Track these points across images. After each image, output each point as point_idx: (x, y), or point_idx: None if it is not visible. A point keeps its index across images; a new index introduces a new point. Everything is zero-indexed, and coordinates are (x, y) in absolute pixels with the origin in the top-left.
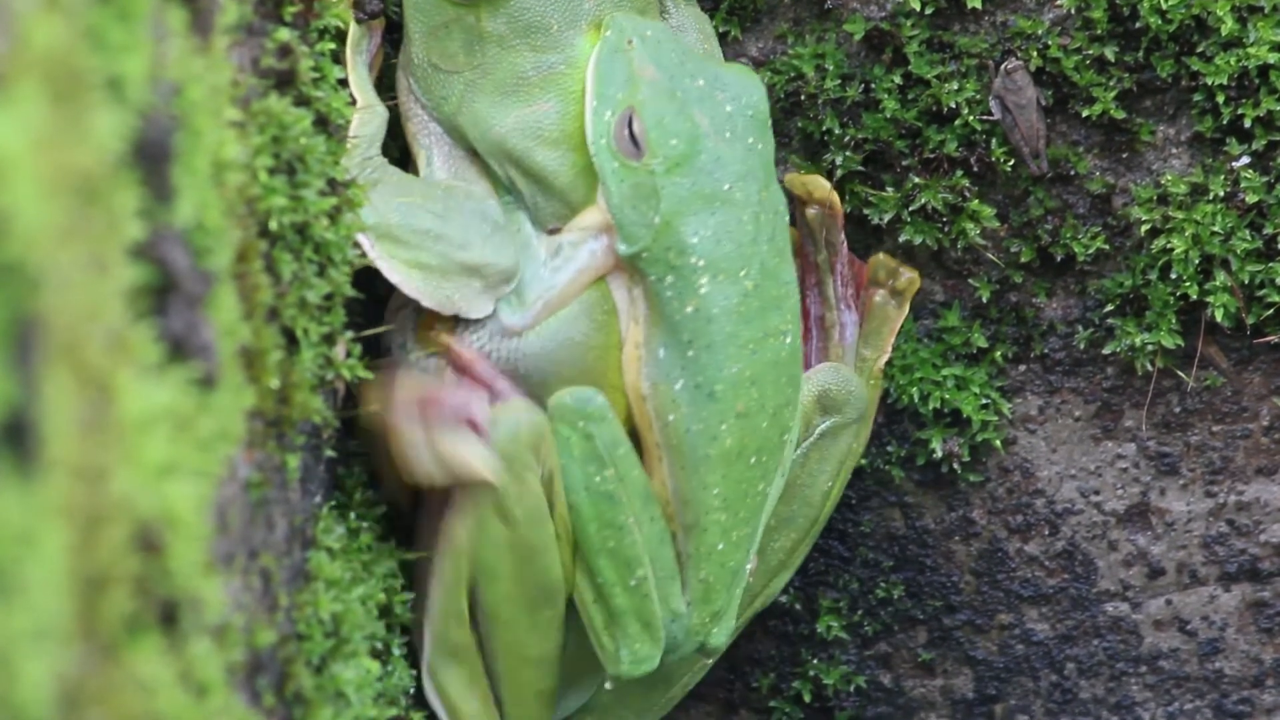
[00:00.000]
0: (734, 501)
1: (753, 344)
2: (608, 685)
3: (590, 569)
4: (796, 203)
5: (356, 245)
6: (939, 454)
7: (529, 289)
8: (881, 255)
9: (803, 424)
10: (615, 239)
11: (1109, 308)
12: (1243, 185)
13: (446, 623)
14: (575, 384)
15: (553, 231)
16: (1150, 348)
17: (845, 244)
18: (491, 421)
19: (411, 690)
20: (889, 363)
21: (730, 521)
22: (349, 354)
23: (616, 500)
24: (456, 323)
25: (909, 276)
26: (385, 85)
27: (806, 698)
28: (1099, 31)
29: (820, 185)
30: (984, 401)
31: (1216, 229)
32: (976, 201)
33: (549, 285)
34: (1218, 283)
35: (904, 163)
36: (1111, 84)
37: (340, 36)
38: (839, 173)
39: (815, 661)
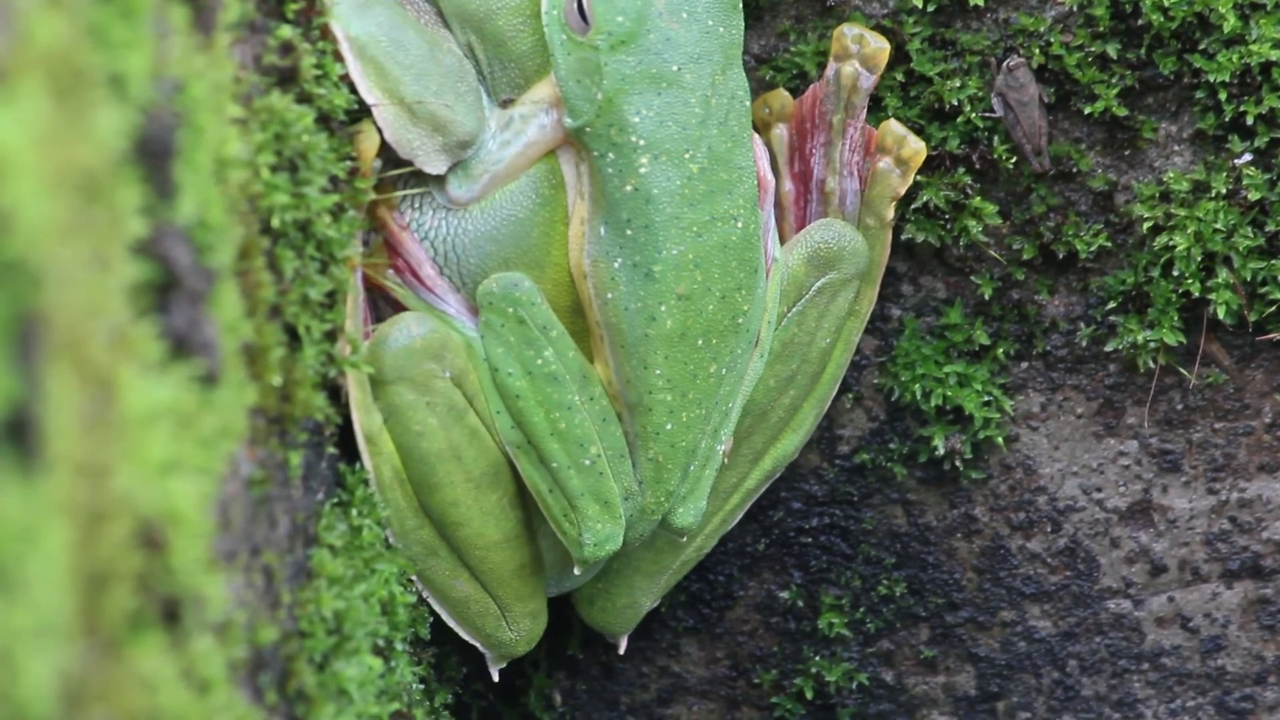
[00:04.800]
0: (680, 383)
1: (697, 227)
2: (576, 571)
3: (543, 456)
4: (832, 56)
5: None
6: (941, 451)
7: (476, 161)
8: (892, 121)
9: (794, 286)
10: (563, 113)
11: (1111, 305)
12: (1245, 182)
13: (406, 536)
14: (516, 264)
15: (505, 104)
16: (1152, 345)
17: (865, 110)
18: (380, 339)
19: (414, 687)
20: (890, 360)
21: (678, 402)
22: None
23: (560, 381)
24: (400, 198)
25: (916, 146)
26: None
27: (809, 695)
28: (1101, 29)
29: (870, 40)
30: (986, 399)
31: (1219, 226)
32: (979, 199)
33: (497, 158)
34: (1220, 280)
35: None
36: (1114, 81)
37: None
38: None
39: (817, 659)
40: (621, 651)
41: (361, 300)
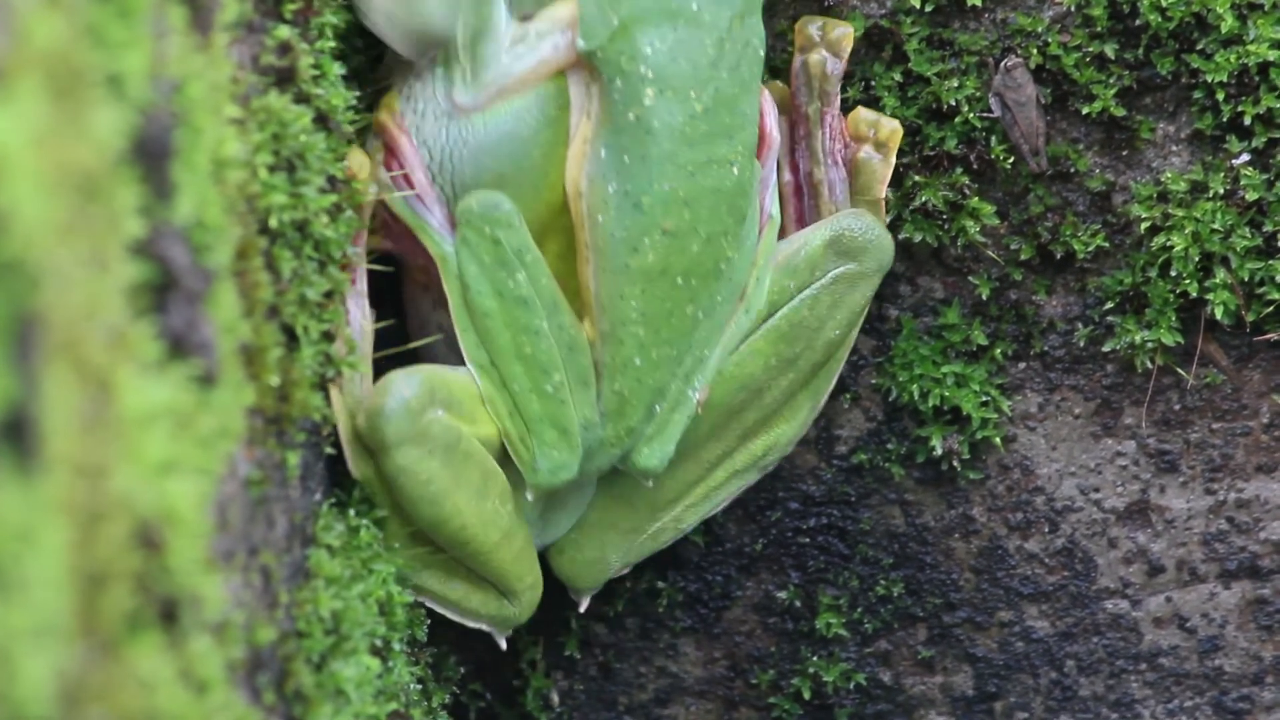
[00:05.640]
0: (655, 319)
1: (692, 166)
2: (529, 496)
3: (505, 377)
4: (798, 48)
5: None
6: (939, 451)
7: (486, 70)
8: (860, 109)
9: (810, 266)
10: (578, 34)
11: (1109, 305)
12: (1242, 183)
13: (401, 548)
14: (511, 181)
15: (525, 18)
16: (1150, 345)
17: (838, 97)
18: (376, 410)
19: (412, 687)
20: (888, 360)
21: (650, 338)
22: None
23: (530, 305)
24: (405, 100)
25: (891, 127)
26: None
27: (806, 695)
28: (1099, 29)
29: (834, 26)
30: (984, 399)
31: (1216, 226)
32: (976, 199)
33: (506, 71)
34: (1217, 280)
35: (904, 160)
36: (1111, 81)
37: (340, 36)
38: None
39: (815, 659)
40: (582, 610)
41: (361, 301)
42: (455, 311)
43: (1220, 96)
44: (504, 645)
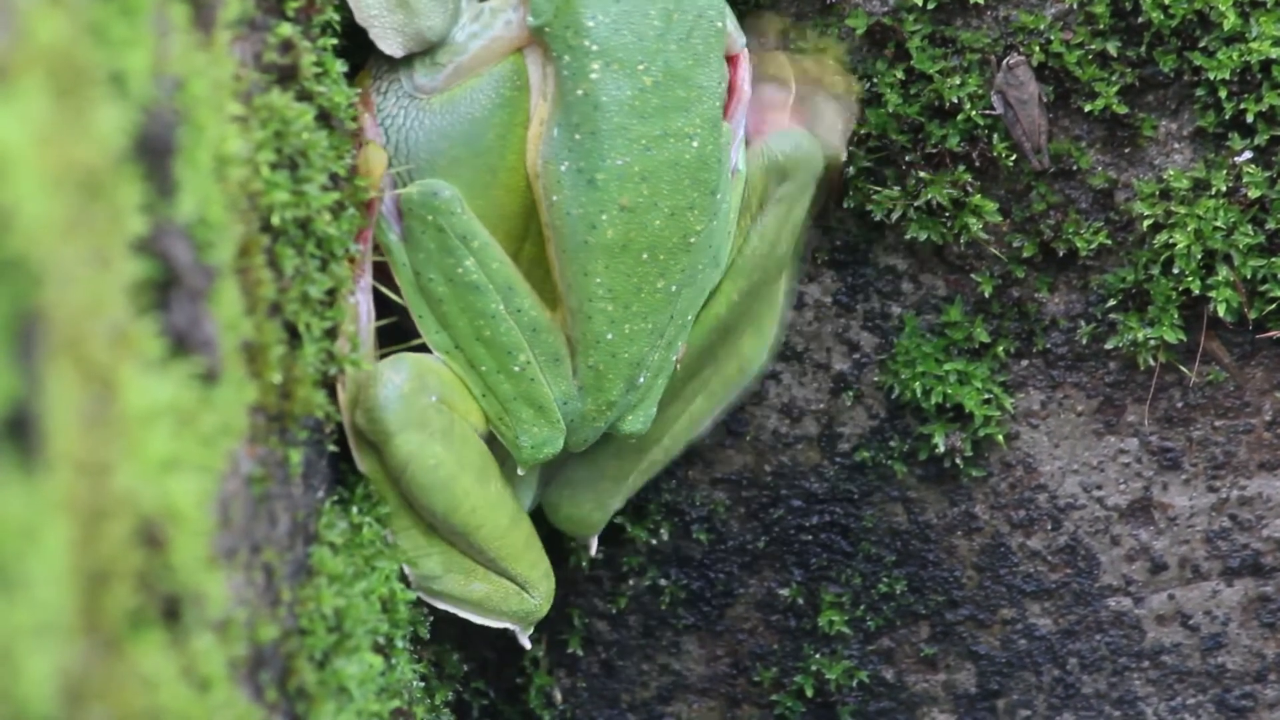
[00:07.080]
0: (622, 294)
1: (646, 140)
2: (519, 472)
3: (471, 360)
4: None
5: None
6: (941, 449)
7: (442, 51)
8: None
9: (755, 197)
10: (528, 10)
11: (1111, 303)
12: (1245, 180)
13: (418, 554)
14: (466, 164)
15: None
16: (1152, 343)
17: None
18: (373, 402)
19: (415, 684)
20: (891, 358)
21: (620, 313)
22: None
23: (482, 290)
24: (374, 80)
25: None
26: None
27: (809, 693)
28: (1101, 26)
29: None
30: (986, 396)
31: (1219, 224)
32: (979, 197)
33: (462, 50)
34: (1220, 278)
35: (906, 158)
36: (1113, 79)
37: (344, 33)
38: (849, 171)
39: (818, 656)
40: (592, 554)
41: (368, 295)
42: (409, 298)
43: (1223, 94)
44: (528, 644)
